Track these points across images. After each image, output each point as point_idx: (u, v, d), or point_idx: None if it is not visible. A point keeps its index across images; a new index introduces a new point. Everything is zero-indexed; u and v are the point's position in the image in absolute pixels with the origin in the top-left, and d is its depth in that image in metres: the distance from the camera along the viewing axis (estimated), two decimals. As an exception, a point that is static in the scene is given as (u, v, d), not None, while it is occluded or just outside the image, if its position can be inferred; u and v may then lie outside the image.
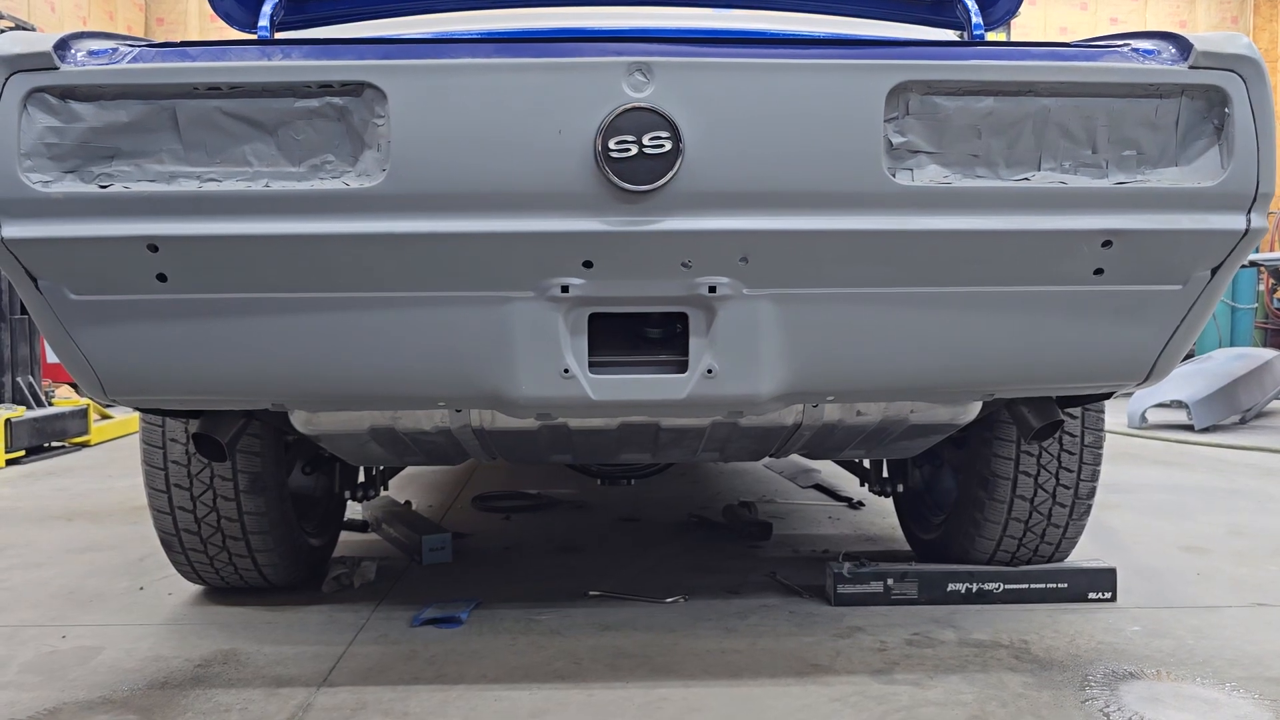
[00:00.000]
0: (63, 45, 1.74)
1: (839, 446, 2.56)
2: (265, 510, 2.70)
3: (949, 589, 2.81)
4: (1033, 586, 2.82)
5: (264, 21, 2.56)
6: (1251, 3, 14.29)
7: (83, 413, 6.12)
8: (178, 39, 1.81)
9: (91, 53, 1.76)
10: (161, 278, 1.82)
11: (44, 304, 1.85)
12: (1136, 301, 1.93)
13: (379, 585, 3.01)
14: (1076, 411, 2.71)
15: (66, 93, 1.74)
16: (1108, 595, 2.82)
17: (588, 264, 1.83)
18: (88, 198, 1.75)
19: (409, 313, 1.87)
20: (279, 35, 2.70)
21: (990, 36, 2.81)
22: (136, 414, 2.74)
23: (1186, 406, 6.49)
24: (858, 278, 1.87)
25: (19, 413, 5.61)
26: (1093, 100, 1.81)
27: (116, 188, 1.76)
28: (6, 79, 1.72)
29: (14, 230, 1.75)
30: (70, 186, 1.75)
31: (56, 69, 1.72)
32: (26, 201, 1.74)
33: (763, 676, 2.31)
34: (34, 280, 1.82)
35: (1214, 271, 1.92)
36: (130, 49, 1.78)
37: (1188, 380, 6.63)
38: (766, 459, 3.82)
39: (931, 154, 1.81)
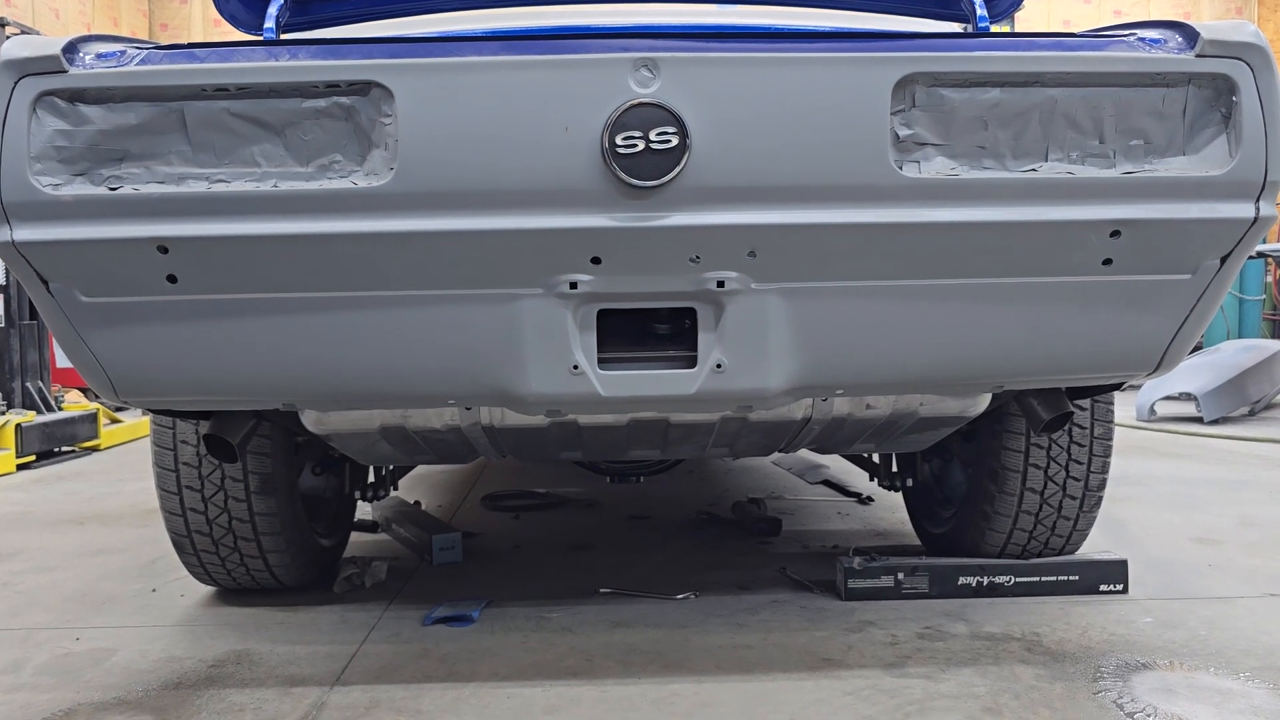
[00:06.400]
0: (71, 49, 1.75)
1: (848, 440, 2.56)
2: (276, 511, 2.71)
3: (960, 582, 2.81)
4: (1044, 579, 2.82)
5: (269, 23, 2.57)
6: (1256, -7, 14.25)
7: (92, 417, 6.14)
8: (182, 43, 1.82)
9: (100, 56, 1.77)
10: (171, 279, 1.82)
11: (55, 306, 1.86)
12: (1146, 291, 1.93)
13: (390, 585, 3.02)
14: (1086, 403, 2.71)
15: (75, 96, 1.74)
16: (1119, 587, 2.81)
17: (596, 260, 1.83)
18: (97, 200, 1.75)
19: (418, 311, 1.87)
20: (284, 36, 2.71)
21: (994, 29, 2.81)
22: (146, 418, 2.75)
23: (1195, 399, 6.48)
24: (866, 271, 1.87)
25: (29, 418, 5.63)
26: (1099, 90, 1.81)
27: (126, 190, 1.76)
28: (16, 83, 1.72)
29: (25, 233, 1.76)
30: (80, 189, 1.75)
31: (65, 72, 1.73)
32: (37, 204, 1.74)
33: (775, 671, 2.31)
34: (45, 283, 1.83)
35: (1223, 260, 1.91)
36: (138, 51, 1.79)
37: (1196, 372, 6.61)
38: (775, 455, 3.81)
39: (938, 146, 1.81)
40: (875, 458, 3.32)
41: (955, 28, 2.97)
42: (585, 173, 1.75)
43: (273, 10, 2.55)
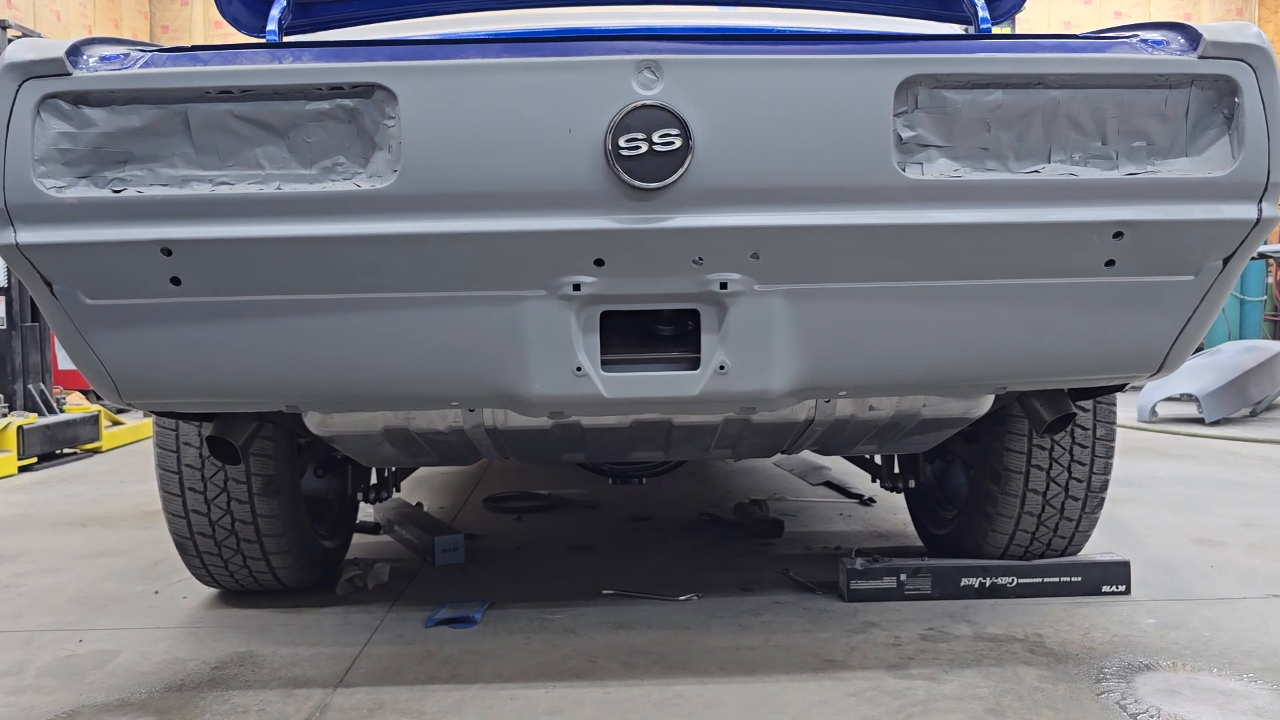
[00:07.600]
0: (75, 51, 1.75)
1: (851, 442, 2.56)
2: (279, 512, 2.71)
3: (962, 584, 2.81)
4: (1046, 580, 2.82)
5: (272, 26, 2.56)
6: (1256, -5, 14.24)
7: (94, 419, 6.14)
8: (185, 45, 1.83)
9: (103, 58, 1.77)
10: (175, 281, 1.83)
11: (59, 308, 1.86)
12: (1148, 292, 1.93)
13: (393, 586, 3.02)
14: (1088, 405, 2.71)
15: (79, 98, 1.74)
16: (1122, 588, 2.81)
17: (599, 262, 1.83)
18: (101, 202, 1.76)
19: (422, 313, 1.87)
20: (286, 39, 2.71)
21: (996, 30, 2.81)
22: (147, 420, 2.75)
23: (1196, 400, 6.47)
24: (869, 272, 1.87)
25: (31, 420, 5.63)
26: (1102, 91, 1.81)
27: (130, 192, 1.76)
28: (19, 86, 1.72)
29: (28, 235, 1.76)
30: (84, 191, 1.76)
31: (69, 75, 1.73)
32: (40, 207, 1.75)
33: (778, 672, 2.31)
34: (49, 285, 1.83)
35: (1226, 262, 1.91)
36: (142, 54, 1.79)
37: (1197, 373, 6.61)
38: (777, 456, 3.81)
39: (941, 148, 1.81)
40: (877, 459, 3.32)
41: (957, 29, 2.97)
42: (588, 174, 1.75)
43: (275, 13, 2.55)
